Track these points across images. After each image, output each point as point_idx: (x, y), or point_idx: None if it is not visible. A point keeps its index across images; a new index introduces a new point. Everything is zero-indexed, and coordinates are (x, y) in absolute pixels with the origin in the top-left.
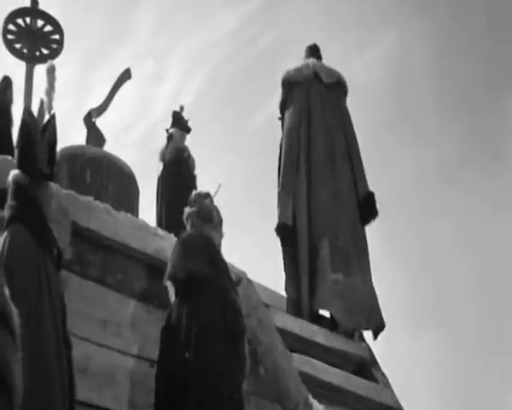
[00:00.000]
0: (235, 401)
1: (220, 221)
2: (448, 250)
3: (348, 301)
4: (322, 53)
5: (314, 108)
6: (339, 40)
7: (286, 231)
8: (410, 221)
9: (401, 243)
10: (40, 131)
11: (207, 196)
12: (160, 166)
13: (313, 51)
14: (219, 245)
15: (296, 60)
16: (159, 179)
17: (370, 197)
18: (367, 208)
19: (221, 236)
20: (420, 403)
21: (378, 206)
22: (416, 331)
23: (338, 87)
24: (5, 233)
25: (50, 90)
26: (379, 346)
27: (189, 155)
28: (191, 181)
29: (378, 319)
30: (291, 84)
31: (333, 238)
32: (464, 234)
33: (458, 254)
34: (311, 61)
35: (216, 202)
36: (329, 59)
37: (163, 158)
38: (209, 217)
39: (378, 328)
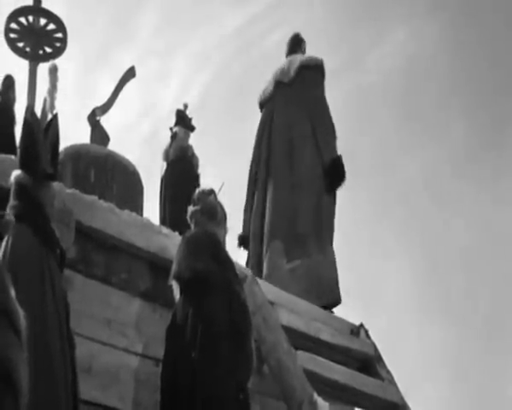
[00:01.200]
0: (240, 400)
1: (224, 217)
2: (458, 245)
3: (305, 282)
4: (331, 52)
5: (277, 114)
6: (348, 38)
7: (244, 242)
8: (418, 217)
9: (410, 238)
10: (43, 130)
11: (211, 192)
12: (164, 165)
13: (291, 46)
14: (224, 241)
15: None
16: (162, 178)
17: (336, 162)
18: (334, 173)
19: (225, 231)
20: (427, 397)
21: (346, 168)
22: (423, 325)
23: (303, 74)
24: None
25: (53, 89)
26: (386, 340)
27: (193, 154)
28: (195, 180)
29: (334, 293)
30: (262, 106)
31: (289, 230)
32: (475, 229)
33: (468, 249)
34: (275, 71)
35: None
36: (339, 56)
37: (166, 157)
38: (213, 214)
39: (332, 303)
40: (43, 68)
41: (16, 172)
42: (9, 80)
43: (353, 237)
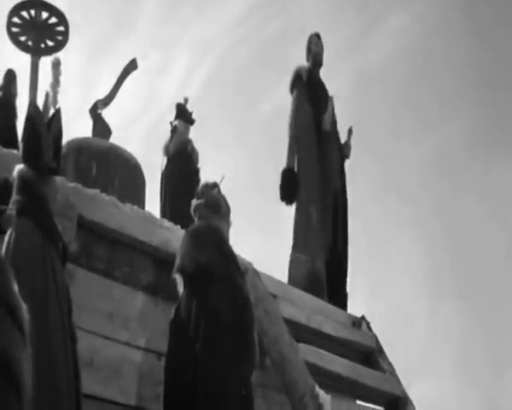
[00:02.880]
0: (243, 396)
1: (228, 210)
2: (471, 222)
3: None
4: (331, 37)
5: None
6: (349, 22)
7: None
8: (430, 194)
9: (421, 215)
10: (45, 125)
11: (215, 186)
12: (164, 159)
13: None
14: (227, 234)
15: (305, 47)
16: (163, 173)
17: (281, 175)
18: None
19: (229, 225)
20: (438, 376)
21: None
22: (435, 303)
23: (292, 87)
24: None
25: (55, 84)
26: (397, 318)
27: (193, 148)
28: (195, 174)
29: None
30: None
31: None
32: (488, 207)
33: (481, 227)
34: None
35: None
36: (340, 41)
37: (167, 151)
38: (217, 207)
39: None
40: (45, 62)
41: (19, 167)
42: (11, 74)
43: (363, 211)
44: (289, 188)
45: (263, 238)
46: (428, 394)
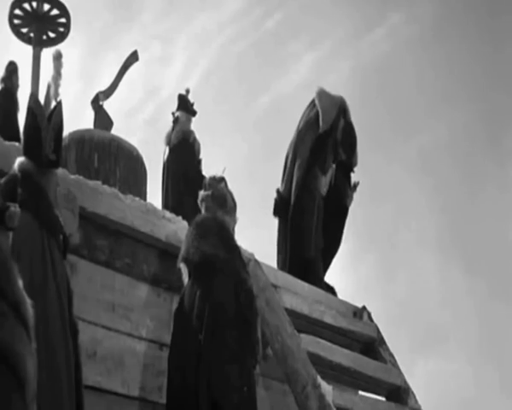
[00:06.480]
0: (244, 391)
1: (234, 206)
2: (487, 188)
3: None
4: (331, 32)
5: None
6: (347, 19)
7: None
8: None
9: (434, 175)
10: (46, 118)
11: (222, 180)
12: (166, 149)
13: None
14: (233, 230)
15: (303, 43)
16: (164, 163)
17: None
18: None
19: (234, 221)
20: (448, 343)
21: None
22: (444, 268)
23: None
24: None
25: (57, 77)
26: (407, 284)
27: (195, 139)
28: (196, 165)
29: None
30: None
31: None
32: (503, 172)
33: (496, 192)
34: None
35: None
36: (338, 37)
37: (169, 141)
38: (223, 201)
39: None
40: (46, 54)
41: (20, 160)
42: (13, 66)
43: (372, 179)
44: (282, 211)
45: (263, 230)
46: (442, 360)
